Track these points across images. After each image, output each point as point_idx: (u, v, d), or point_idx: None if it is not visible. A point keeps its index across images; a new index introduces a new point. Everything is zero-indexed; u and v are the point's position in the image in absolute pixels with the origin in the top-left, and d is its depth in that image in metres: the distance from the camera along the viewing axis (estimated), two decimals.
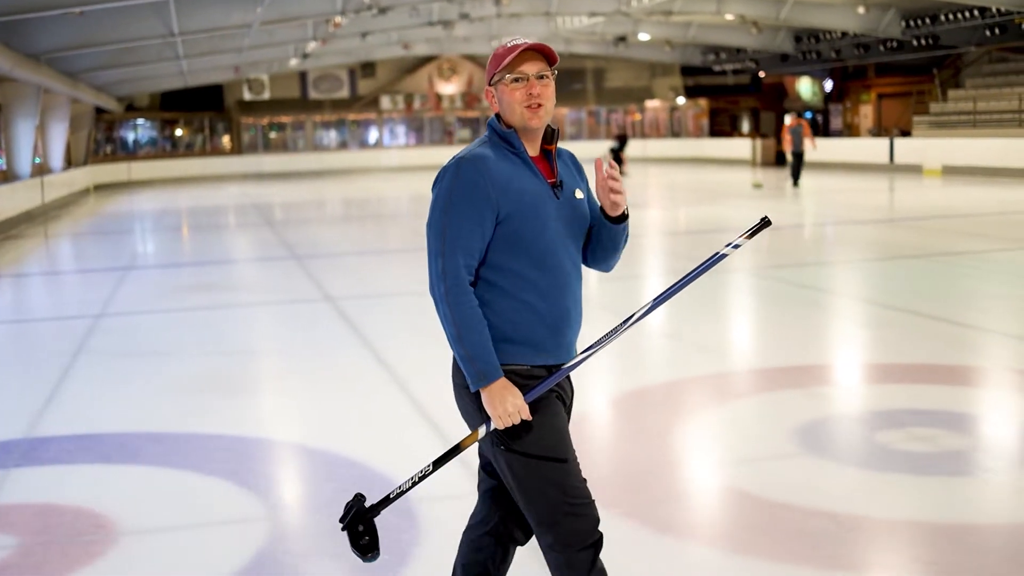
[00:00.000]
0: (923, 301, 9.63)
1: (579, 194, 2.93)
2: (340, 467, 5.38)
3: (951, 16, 27.90)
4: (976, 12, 26.93)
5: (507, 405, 2.75)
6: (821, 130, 44.04)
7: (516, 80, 2.83)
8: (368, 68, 45.64)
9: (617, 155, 31.26)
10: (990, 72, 34.19)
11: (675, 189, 27.98)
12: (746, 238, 2.77)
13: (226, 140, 45.33)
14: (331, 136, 47.09)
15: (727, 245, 2.75)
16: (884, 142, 31.70)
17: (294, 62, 35.35)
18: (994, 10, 26.16)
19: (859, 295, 10.36)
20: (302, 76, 44.99)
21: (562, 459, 2.84)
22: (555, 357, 2.90)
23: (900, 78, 39.08)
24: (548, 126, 2.93)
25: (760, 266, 11.88)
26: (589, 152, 40.37)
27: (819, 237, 16.06)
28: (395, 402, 6.62)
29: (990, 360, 7.37)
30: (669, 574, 4.04)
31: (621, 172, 28.25)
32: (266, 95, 42.67)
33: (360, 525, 2.96)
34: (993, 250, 12.98)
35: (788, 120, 25.49)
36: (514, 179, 2.82)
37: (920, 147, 30.16)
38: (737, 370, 7.31)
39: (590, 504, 2.87)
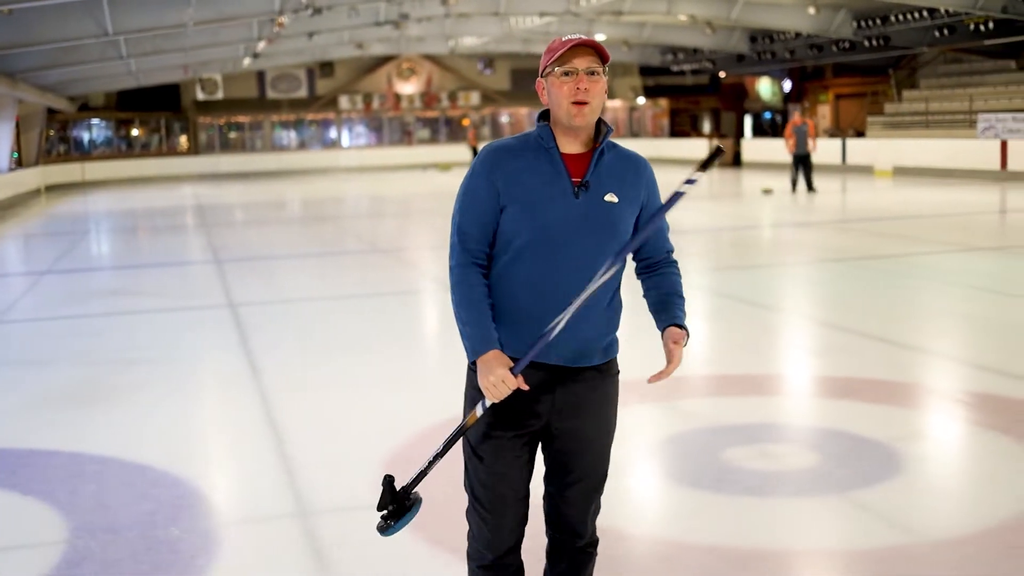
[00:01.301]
0: (832, 308, 9.49)
1: (610, 198, 2.84)
2: (163, 486, 5.15)
3: (901, 17, 27.88)
4: (926, 13, 26.92)
5: (492, 375, 2.72)
6: (780, 130, 44.07)
7: (566, 74, 2.80)
8: (327, 68, 45.27)
9: None
10: (944, 73, 34.22)
11: None
12: (700, 170, 2.63)
13: (183, 140, 44.88)
14: (289, 136, 46.73)
15: (684, 182, 2.62)
16: (837, 143, 31.65)
17: (247, 62, 34.97)
18: (943, 11, 26.15)
19: (771, 302, 10.21)
20: (260, 76, 44.60)
21: (480, 457, 2.93)
22: (542, 355, 2.82)
23: (857, 78, 39.10)
24: (601, 124, 2.89)
25: (691, 270, 11.71)
26: None
27: (755, 241, 15.92)
28: (250, 419, 6.39)
29: (886, 372, 7.23)
30: None
31: None
32: (219, 95, 42.21)
33: (392, 507, 2.96)
34: (921, 253, 12.87)
35: (794, 117, 22.76)
36: (526, 172, 2.82)
37: (871, 148, 30.15)
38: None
39: (495, 519, 2.96)
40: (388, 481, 2.95)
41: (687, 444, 5.51)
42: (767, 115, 46.52)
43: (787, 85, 43.27)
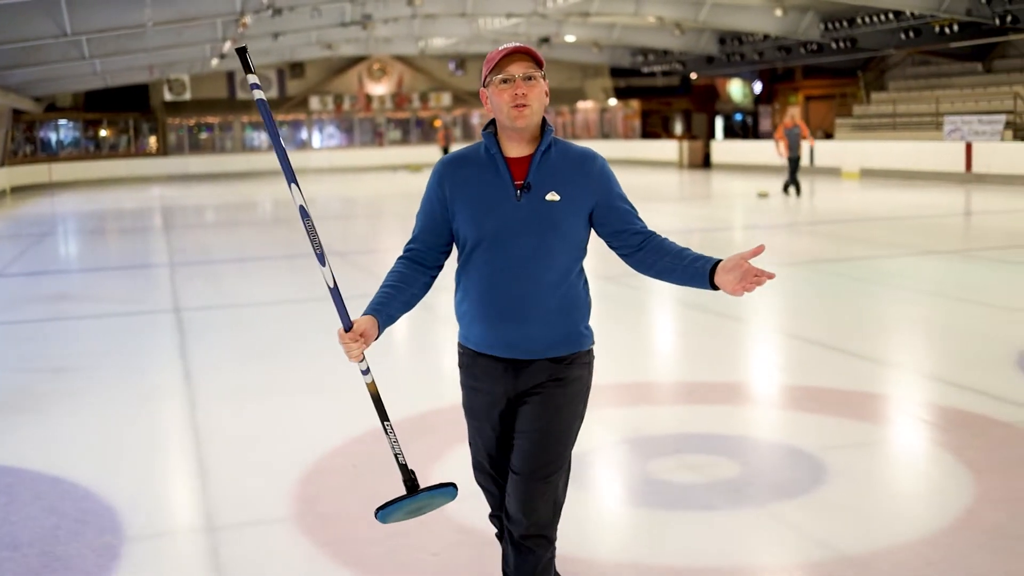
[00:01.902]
0: (783, 314, 9.42)
1: (551, 197, 2.97)
2: (72, 500, 5.01)
3: (868, 19, 27.94)
4: (892, 15, 26.97)
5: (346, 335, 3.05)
6: (751, 132, 44.14)
7: (504, 81, 2.95)
8: (297, 68, 45.07)
9: None
10: (912, 75, 34.33)
11: None
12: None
13: (152, 141, 44.55)
14: (260, 137, 46.46)
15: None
16: (805, 144, 31.64)
17: (215, 62, 34.74)
18: (909, 13, 26.20)
19: (721, 308, 10.12)
20: (229, 76, 44.32)
21: (471, 428, 3.26)
22: (493, 348, 3.06)
23: (827, 80, 39.20)
24: (544, 125, 3.03)
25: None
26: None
27: (720, 243, 15.86)
28: (174, 429, 6.26)
29: (831, 380, 7.16)
30: None
31: None
32: (187, 95, 41.93)
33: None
34: (879, 257, 12.84)
35: (786, 119, 21.77)
36: (472, 179, 3.01)
37: (839, 149, 30.20)
38: None
39: (480, 470, 3.27)
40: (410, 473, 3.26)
41: (611, 455, 5.42)
42: (738, 116, 46.60)
43: (757, 87, 43.34)
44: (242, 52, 3.08)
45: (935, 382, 6.89)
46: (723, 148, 37.83)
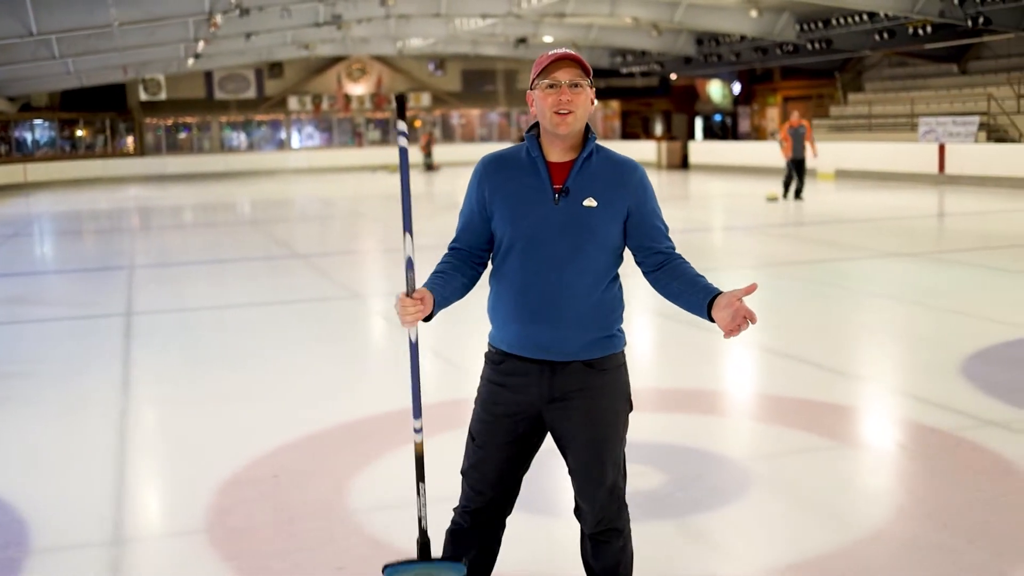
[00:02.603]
0: None
1: (589, 203, 3.00)
2: None
3: (843, 20, 27.95)
4: (866, 17, 26.98)
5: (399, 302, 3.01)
6: (730, 133, 44.16)
7: (550, 87, 2.97)
8: (275, 68, 44.90)
9: None
10: (889, 76, 34.37)
11: None
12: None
13: (129, 141, 44.32)
14: (239, 137, 46.28)
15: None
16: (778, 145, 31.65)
17: (191, 62, 34.58)
18: (883, 15, 26.21)
19: (674, 312, 10.05)
20: (207, 76, 44.13)
21: (473, 437, 3.21)
22: (524, 350, 3.06)
23: (805, 81, 39.23)
24: (587, 132, 3.05)
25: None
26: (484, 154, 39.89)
27: (691, 246, 15.78)
28: (102, 436, 6.14)
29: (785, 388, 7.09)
30: None
31: None
32: (163, 95, 41.69)
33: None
34: (846, 259, 12.80)
35: (791, 118, 20.70)
36: (512, 181, 3.04)
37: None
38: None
39: (473, 492, 3.21)
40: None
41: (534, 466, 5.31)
42: (717, 117, 46.61)
43: (736, 87, 43.34)
44: (400, 99, 3.14)
45: (877, 388, 6.84)
46: (701, 149, 37.82)
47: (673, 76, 42.57)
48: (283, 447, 5.71)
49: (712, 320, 2.98)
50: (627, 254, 3.20)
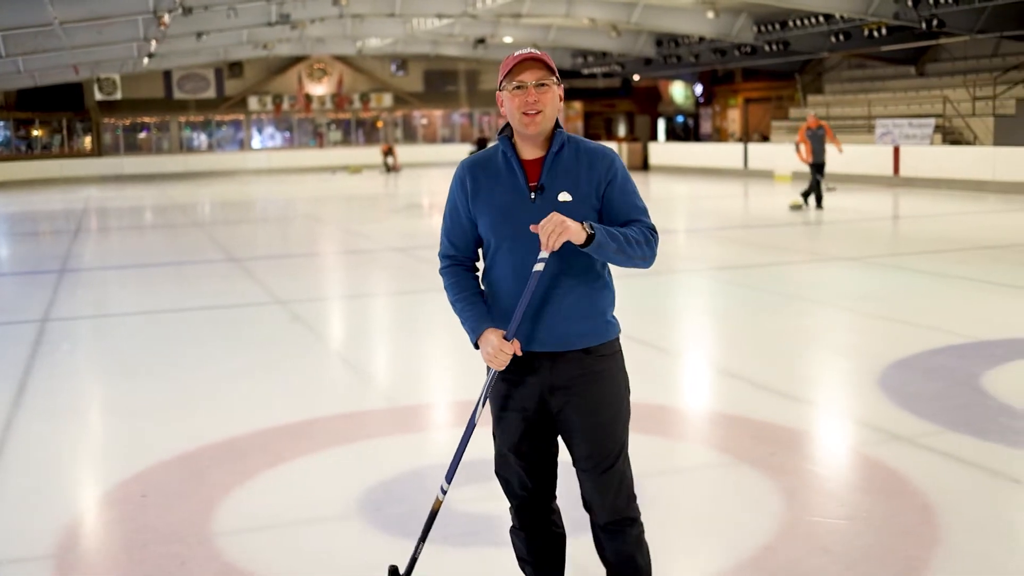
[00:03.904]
0: (651, 324, 9.17)
1: (563, 197, 3.04)
2: None
3: (800, 22, 27.87)
4: (823, 19, 26.91)
5: (490, 347, 3.04)
6: (692, 134, 44.12)
7: (517, 88, 3.01)
8: (235, 68, 44.49)
9: None
10: (848, 78, 34.38)
11: None
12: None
13: (87, 141, 43.79)
14: (197, 137, 45.83)
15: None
16: (738, 147, 31.61)
17: (146, 61, 34.18)
18: (838, 16, 26.16)
19: None
20: (166, 76, 43.66)
21: (493, 434, 3.26)
22: (523, 345, 3.08)
23: (766, 83, 39.20)
24: (556, 127, 3.10)
25: None
26: (452, 156, 39.83)
27: None
28: None
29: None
30: None
31: None
32: (118, 95, 41.14)
33: None
34: (784, 263, 12.65)
35: (809, 120, 18.87)
36: (490, 182, 3.09)
37: (772, 153, 30.13)
38: (329, 413, 6.68)
39: (505, 483, 3.31)
40: (392, 571, 3.35)
41: (413, 481, 5.10)
42: (680, 118, 46.56)
43: (698, 89, 43.29)
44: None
45: (787, 400, 6.64)
46: (661, 150, 37.71)
47: (636, 77, 42.45)
48: (160, 464, 5.47)
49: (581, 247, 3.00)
50: None
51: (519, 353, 3.06)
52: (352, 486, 5.02)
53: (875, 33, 26.83)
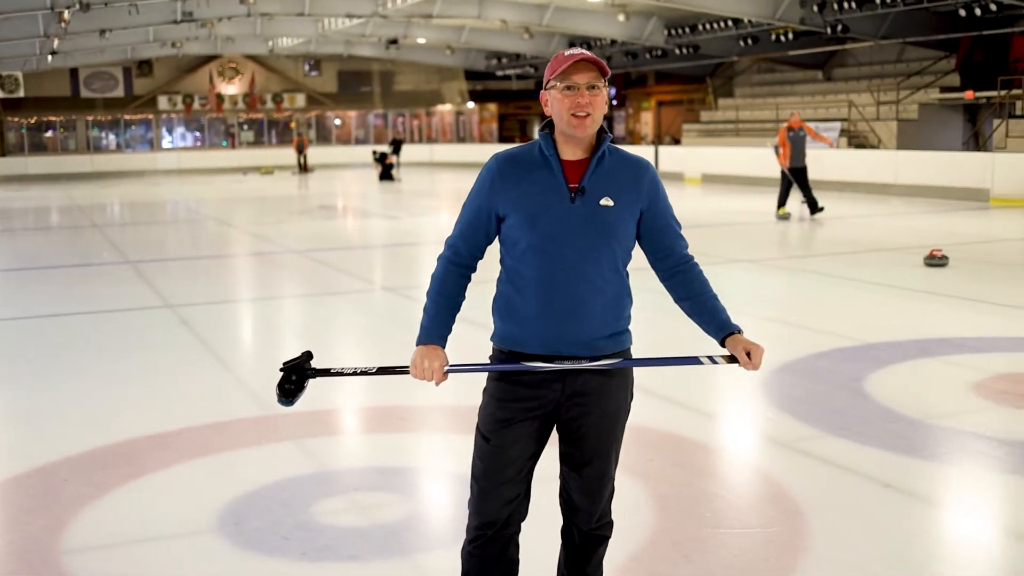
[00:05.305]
0: None
1: (605, 202, 2.98)
2: None
3: (709, 26, 28.12)
4: (731, 23, 27.17)
5: (425, 362, 3.03)
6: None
7: (568, 88, 2.95)
8: (144, 66, 43.68)
9: (384, 157, 30.58)
10: (758, 82, 34.79)
11: (465, 197, 27.35)
12: (725, 361, 3.09)
13: None
14: (105, 137, 44.90)
15: (708, 356, 3.12)
16: (650, 149, 31.80)
17: (50, 59, 33.38)
18: (747, 21, 26.42)
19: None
20: (73, 73, 42.70)
21: (486, 438, 3.10)
22: (548, 347, 3.02)
23: (678, 86, 39.52)
24: (601, 131, 3.03)
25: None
26: (365, 157, 39.45)
27: None
28: None
29: None
30: None
31: (393, 178, 26.66)
32: (21, 93, 40.08)
33: (294, 375, 3.11)
34: None
35: (791, 119, 17.88)
36: (526, 180, 2.99)
37: (682, 155, 30.36)
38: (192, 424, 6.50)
39: (486, 495, 3.10)
40: (308, 356, 3.16)
41: (275, 495, 4.94)
42: None
43: (611, 91, 43.50)
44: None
45: (668, 406, 6.58)
46: None
47: None
48: (13, 478, 5.23)
49: (722, 344, 3.12)
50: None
51: (436, 381, 3.06)
52: (212, 499, 4.84)
53: (782, 38, 27.18)
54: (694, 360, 3.12)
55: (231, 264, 14.58)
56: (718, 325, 3.16)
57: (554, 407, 3.09)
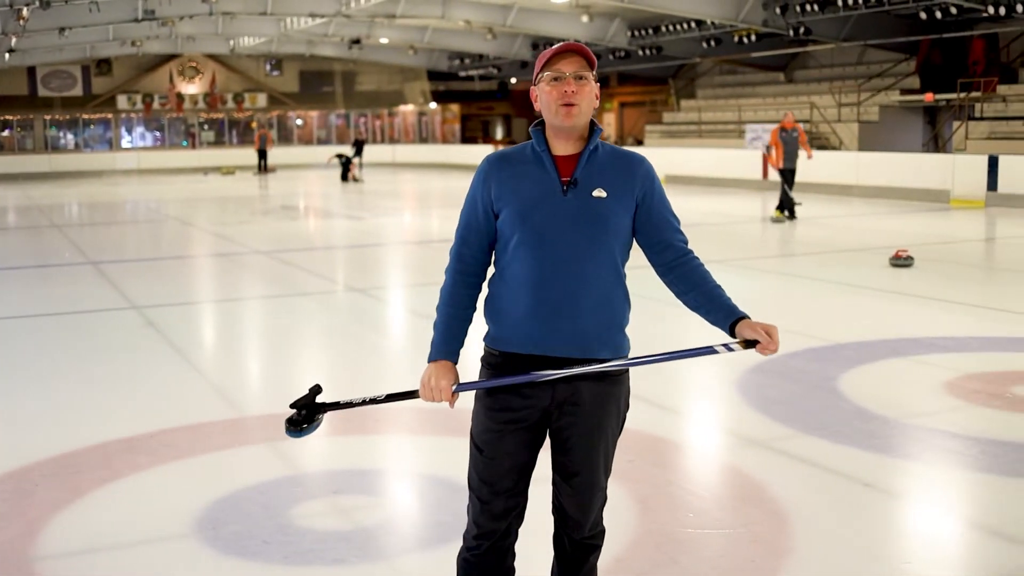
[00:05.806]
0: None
1: (598, 193, 2.92)
2: None
3: (673, 27, 28.23)
4: (694, 24, 27.29)
5: (433, 381, 2.96)
6: None
7: (555, 79, 2.91)
8: (103, 65, 43.22)
9: (348, 162, 30.41)
10: (720, 83, 34.96)
11: (428, 197, 27.27)
12: (742, 347, 2.94)
13: None
14: (63, 136, 44.39)
15: (723, 345, 2.96)
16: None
17: (7, 57, 32.95)
18: (709, 23, 26.54)
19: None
20: (30, 72, 42.19)
21: (479, 448, 3.03)
22: (541, 347, 2.93)
23: (641, 87, 39.63)
24: (593, 124, 2.98)
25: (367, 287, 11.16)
26: (323, 156, 39.19)
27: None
28: None
29: None
30: None
31: (355, 179, 26.55)
32: None
33: (303, 411, 3.06)
34: (644, 267, 12.64)
35: (784, 119, 17.59)
36: (518, 176, 2.95)
37: (647, 156, 30.34)
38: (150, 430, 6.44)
39: (485, 505, 3.03)
40: (316, 390, 3.07)
41: (257, 498, 4.88)
42: None
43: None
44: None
45: (643, 405, 6.57)
46: None
47: (513, 80, 42.52)
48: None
49: (732, 335, 2.98)
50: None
51: (451, 407, 3.03)
52: (188, 503, 4.78)
53: (745, 39, 27.32)
54: (709, 350, 2.97)
55: (195, 265, 14.45)
56: (726, 312, 3.02)
57: (542, 415, 3.00)
